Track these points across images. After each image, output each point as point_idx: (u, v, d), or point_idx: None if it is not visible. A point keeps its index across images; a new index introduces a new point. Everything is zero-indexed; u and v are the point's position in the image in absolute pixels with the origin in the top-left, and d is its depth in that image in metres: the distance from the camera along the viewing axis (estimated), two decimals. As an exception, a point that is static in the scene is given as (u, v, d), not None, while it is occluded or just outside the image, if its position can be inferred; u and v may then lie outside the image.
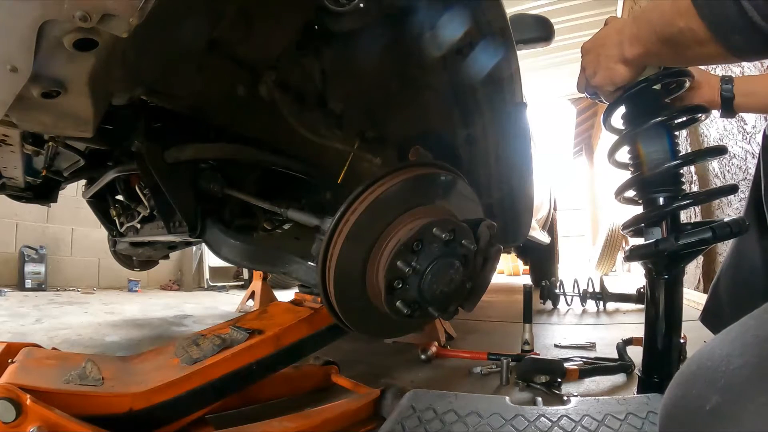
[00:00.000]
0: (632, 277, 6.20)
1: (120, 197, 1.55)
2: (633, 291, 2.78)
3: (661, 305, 0.86)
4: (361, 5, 0.85)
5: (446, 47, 1.04)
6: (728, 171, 2.85)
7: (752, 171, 1.05)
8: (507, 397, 0.80)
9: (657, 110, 0.86)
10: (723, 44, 0.59)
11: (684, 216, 0.93)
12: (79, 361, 0.83)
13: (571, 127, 9.07)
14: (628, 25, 0.76)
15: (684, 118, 0.91)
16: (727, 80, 0.96)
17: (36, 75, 0.58)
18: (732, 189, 0.89)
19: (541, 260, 4.08)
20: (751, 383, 0.32)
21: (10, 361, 0.81)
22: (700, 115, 0.90)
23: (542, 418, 0.73)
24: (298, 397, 1.09)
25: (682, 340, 1.37)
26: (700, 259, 3.23)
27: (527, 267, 4.55)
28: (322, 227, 0.88)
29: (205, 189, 1.13)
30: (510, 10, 1.05)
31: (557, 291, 2.94)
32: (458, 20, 0.99)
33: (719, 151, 0.91)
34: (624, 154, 0.94)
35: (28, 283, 3.66)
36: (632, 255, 0.89)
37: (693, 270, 3.36)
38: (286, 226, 1.61)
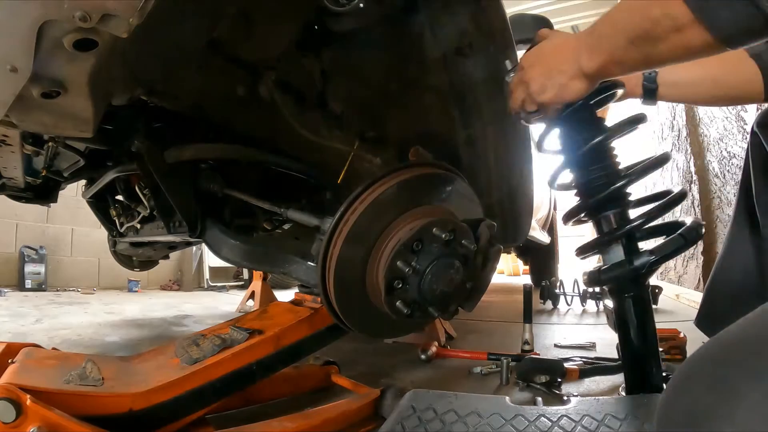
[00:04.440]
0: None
1: (120, 197, 1.55)
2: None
3: (634, 324, 0.83)
4: (361, 5, 0.85)
5: (446, 47, 1.04)
6: (728, 171, 2.85)
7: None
8: (507, 397, 0.80)
9: (595, 127, 0.84)
10: (706, 24, 0.54)
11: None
12: (79, 361, 0.84)
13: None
14: (584, 36, 0.72)
15: (625, 132, 0.87)
16: None
17: (36, 75, 0.58)
18: (681, 197, 0.87)
19: (541, 260, 4.08)
20: (746, 383, 0.33)
21: (10, 361, 0.81)
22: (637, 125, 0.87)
23: (542, 418, 0.73)
24: (298, 397, 1.09)
25: (680, 341, 1.38)
26: (700, 259, 3.23)
27: (527, 267, 4.55)
28: (322, 227, 0.88)
29: (205, 189, 1.13)
30: (510, 10, 1.05)
31: (557, 291, 2.94)
32: (458, 20, 0.99)
33: (663, 160, 0.89)
34: (568, 176, 0.92)
35: (28, 284, 3.65)
36: (603, 279, 0.85)
37: (693, 270, 3.36)
38: (286, 226, 1.62)
